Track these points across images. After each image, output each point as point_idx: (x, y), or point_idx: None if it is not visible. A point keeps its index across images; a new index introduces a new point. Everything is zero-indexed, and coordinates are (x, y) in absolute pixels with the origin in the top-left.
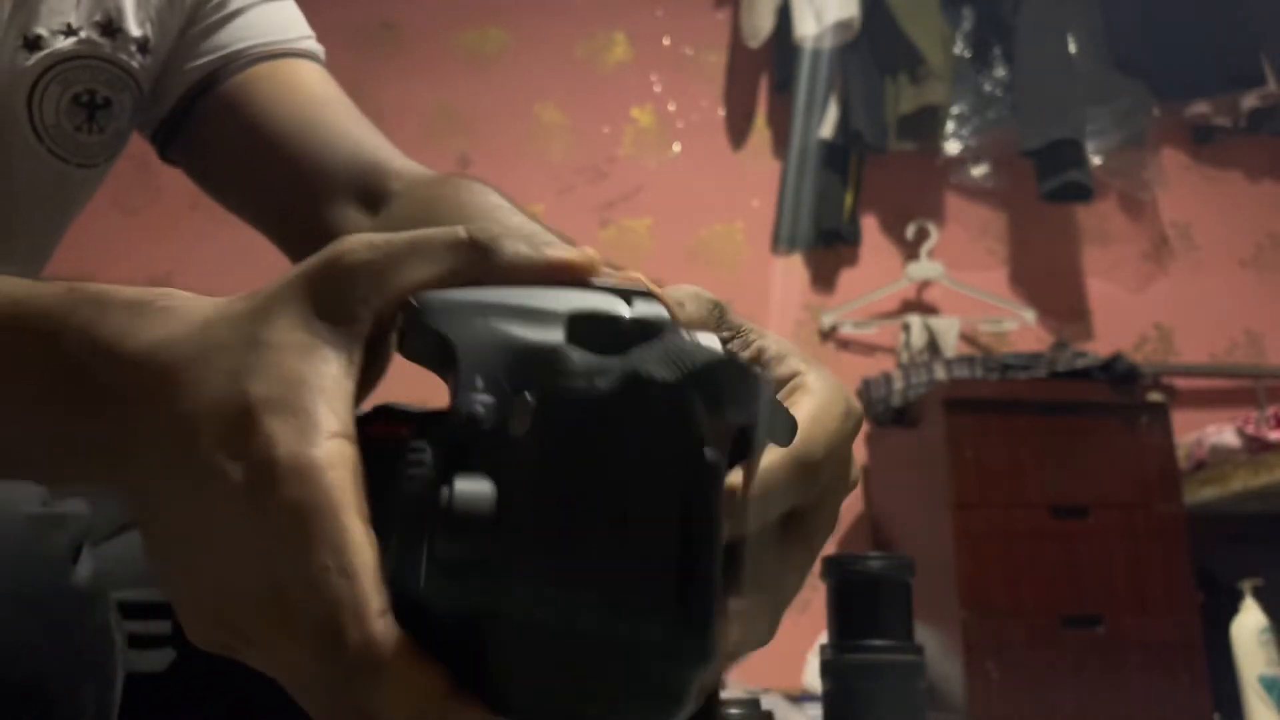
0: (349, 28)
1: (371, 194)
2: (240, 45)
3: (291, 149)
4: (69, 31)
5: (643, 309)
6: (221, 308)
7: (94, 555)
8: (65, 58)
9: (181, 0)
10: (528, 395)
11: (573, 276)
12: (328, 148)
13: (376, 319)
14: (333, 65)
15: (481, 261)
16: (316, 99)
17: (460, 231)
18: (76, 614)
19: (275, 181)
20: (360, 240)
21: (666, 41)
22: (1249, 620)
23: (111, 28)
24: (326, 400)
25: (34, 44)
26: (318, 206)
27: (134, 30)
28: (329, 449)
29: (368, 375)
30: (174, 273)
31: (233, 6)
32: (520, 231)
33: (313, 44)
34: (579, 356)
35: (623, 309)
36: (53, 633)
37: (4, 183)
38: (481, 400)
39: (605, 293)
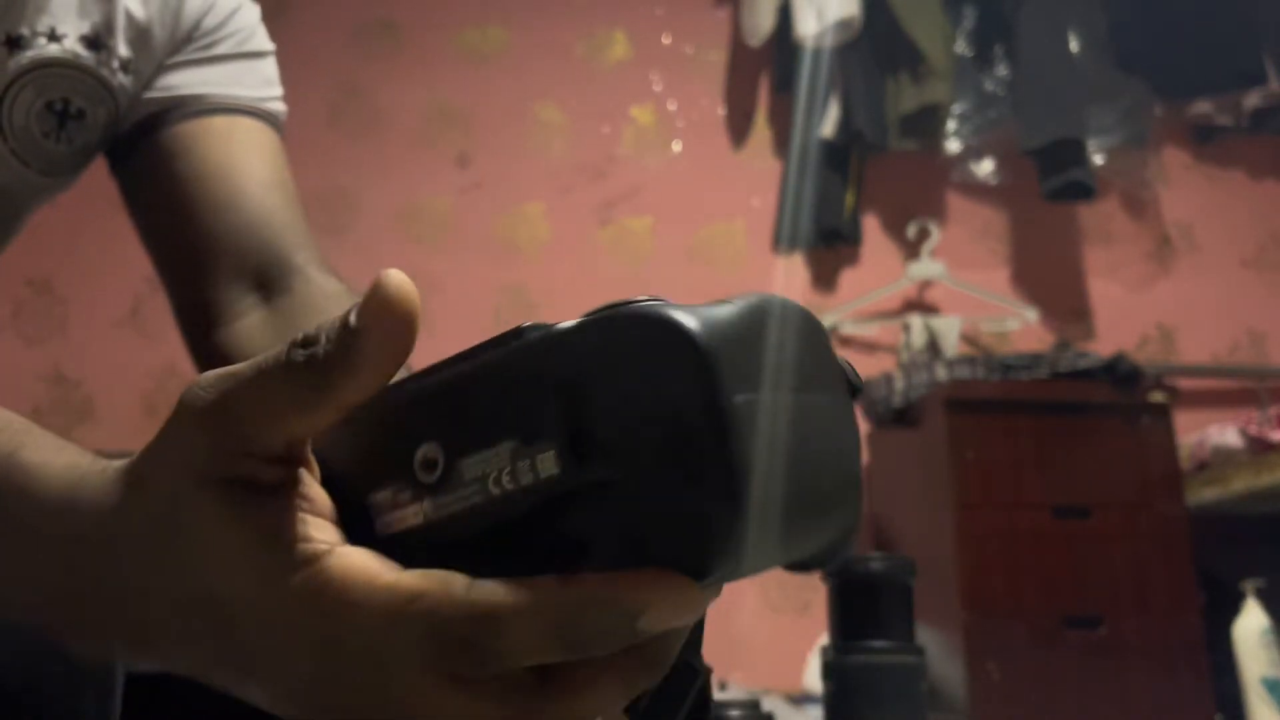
0: (349, 26)
1: (270, 283)
2: (205, 91)
3: (204, 213)
4: (53, 36)
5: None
6: (130, 492)
7: None
8: (46, 63)
9: (173, 31)
10: None
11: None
12: (239, 219)
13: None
14: (332, 64)
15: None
16: (250, 168)
17: (271, 358)
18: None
19: (177, 239)
20: (194, 393)
21: (666, 40)
22: (1251, 621)
23: (99, 42)
24: (299, 535)
25: (15, 43)
26: (206, 276)
27: (120, 49)
28: (337, 557)
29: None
30: None
31: (217, 51)
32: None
33: (277, 105)
34: None
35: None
36: (53, 651)
37: None
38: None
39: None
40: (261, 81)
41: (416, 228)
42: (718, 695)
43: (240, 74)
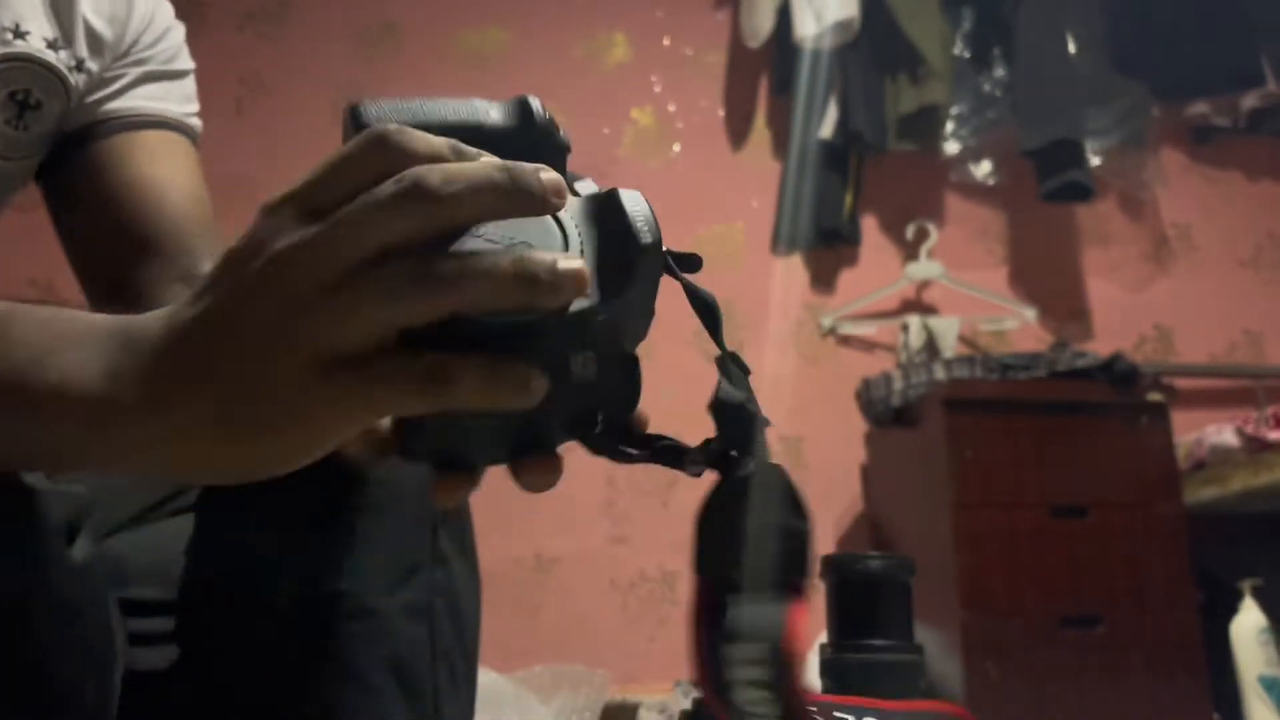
0: (350, 28)
1: (192, 282)
2: (136, 105)
3: (133, 220)
4: (18, 32)
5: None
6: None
7: (97, 544)
8: (13, 57)
9: (117, 42)
10: None
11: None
12: (164, 226)
13: None
14: (333, 65)
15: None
16: (174, 180)
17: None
18: (74, 591)
19: (108, 243)
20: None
21: (666, 42)
22: (1248, 620)
23: (59, 43)
24: None
25: None
26: (143, 274)
27: (79, 50)
28: None
29: None
30: None
31: (150, 67)
32: None
33: (196, 121)
34: None
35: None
36: (51, 611)
37: None
38: None
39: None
40: (184, 98)
41: None
42: None
43: (169, 91)
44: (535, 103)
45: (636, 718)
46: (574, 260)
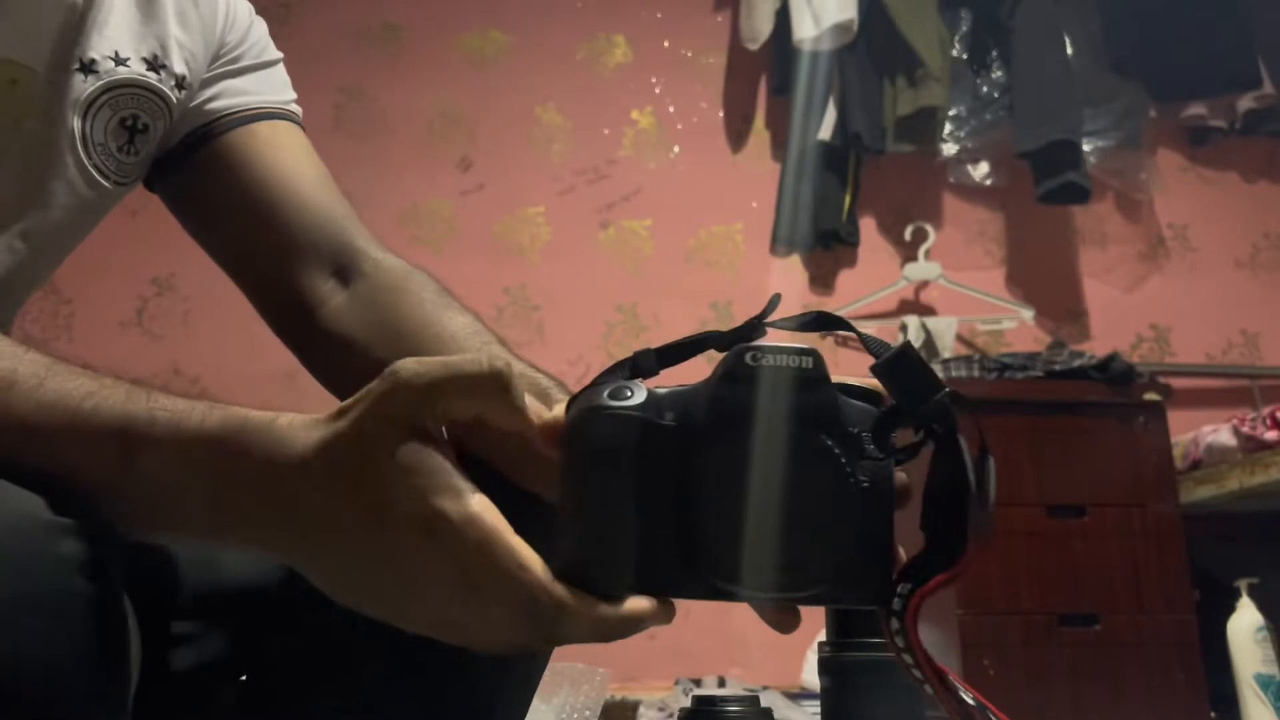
0: (351, 29)
1: (344, 269)
2: (243, 100)
3: (276, 215)
4: (119, 60)
5: None
6: (331, 434)
7: (120, 560)
8: (119, 84)
9: (208, 48)
10: None
11: (545, 438)
12: (306, 217)
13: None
14: (335, 66)
15: (500, 392)
16: (300, 168)
17: (485, 365)
18: (90, 618)
19: (257, 242)
20: (410, 370)
21: (666, 44)
22: (1245, 619)
23: (157, 62)
24: (455, 474)
25: (88, 67)
26: (292, 271)
27: (176, 67)
28: (478, 499)
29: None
30: (176, 273)
31: (243, 63)
32: (522, 376)
33: (297, 107)
34: None
35: None
36: (65, 636)
37: (48, 194)
38: None
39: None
40: (282, 86)
41: (419, 230)
42: (716, 692)
43: (266, 82)
44: None
45: (637, 716)
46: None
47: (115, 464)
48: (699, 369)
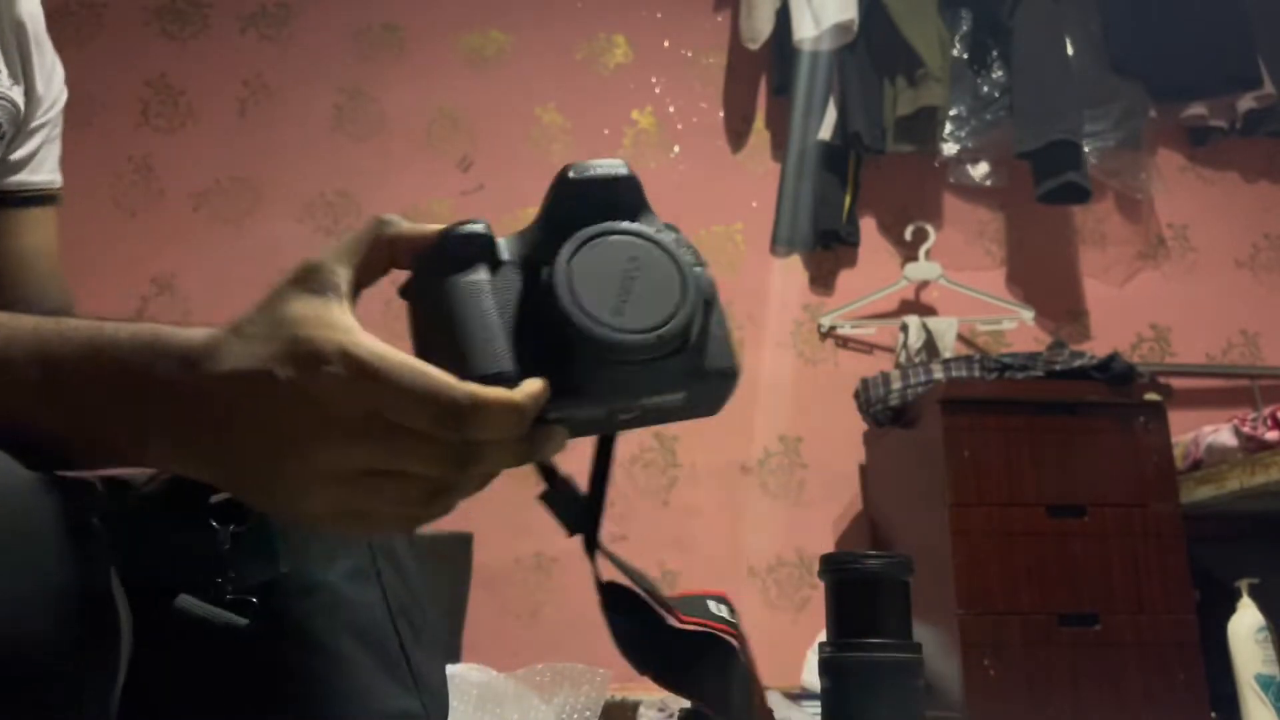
0: (351, 29)
1: None
2: (38, 180)
3: (16, 287)
4: None
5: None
6: (236, 319)
7: (104, 530)
8: None
9: (44, 97)
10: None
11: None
12: (33, 292)
13: (351, 287)
14: (335, 67)
15: (394, 232)
16: (50, 252)
17: (374, 218)
18: (80, 585)
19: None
20: (323, 253)
21: (666, 44)
22: (1245, 619)
23: (14, 80)
24: (345, 320)
25: None
26: None
27: (13, 94)
28: (362, 334)
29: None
30: (176, 273)
31: (53, 131)
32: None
33: (60, 186)
34: None
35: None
36: (53, 600)
37: None
38: None
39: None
40: (55, 165)
41: None
42: None
43: (54, 157)
44: None
45: (637, 716)
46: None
47: (34, 390)
48: None
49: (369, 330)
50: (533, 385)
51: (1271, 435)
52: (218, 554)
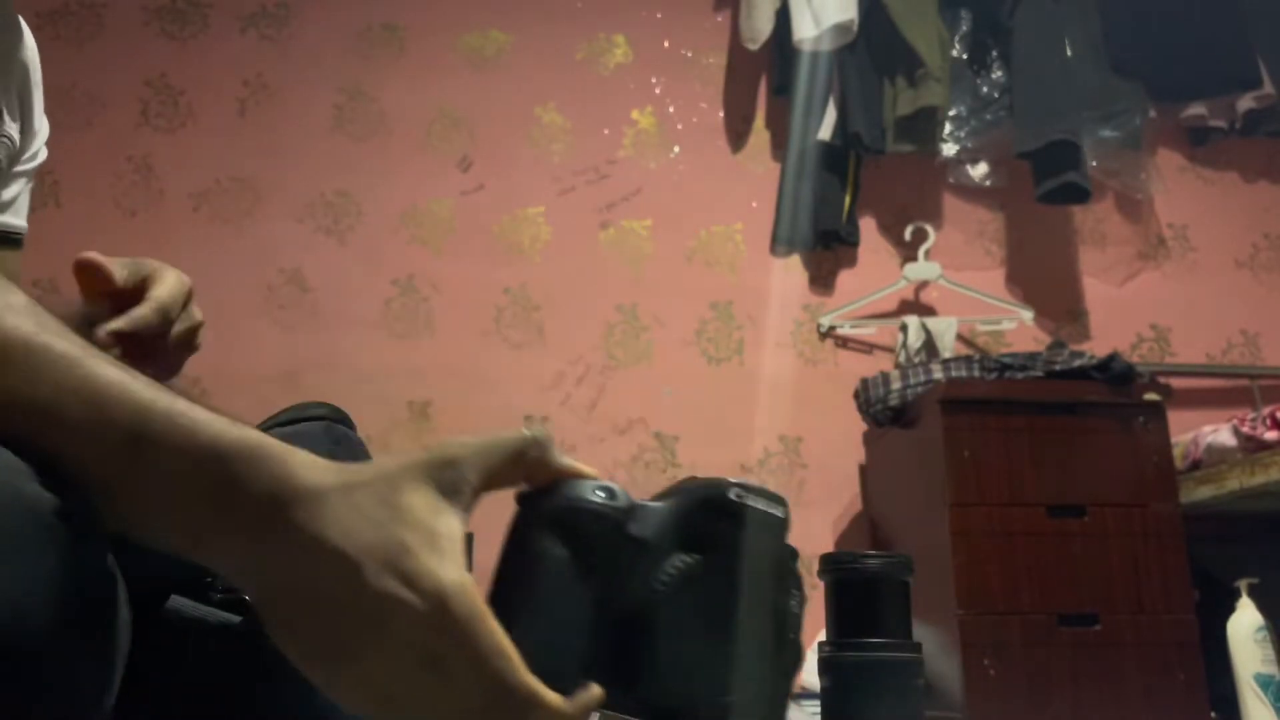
0: (351, 29)
1: None
2: (12, 223)
3: None
4: None
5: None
6: (351, 474)
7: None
8: None
9: (29, 144)
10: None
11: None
12: None
13: (475, 494)
14: (335, 66)
15: (538, 455)
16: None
17: (524, 434)
18: (79, 582)
19: None
20: (457, 442)
21: (666, 44)
22: (1244, 619)
23: (12, 117)
24: (456, 545)
25: None
26: None
27: (8, 129)
28: (468, 577)
29: None
30: None
31: (29, 179)
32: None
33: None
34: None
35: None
36: (51, 604)
37: None
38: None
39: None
40: (27, 205)
41: (419, 230)
42: None
43: (25, 202)
44: None
45: None
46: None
47: (122, 457)
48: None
49: (369, 330)
50: (589, 698)
51: (1271, 435)
52: None
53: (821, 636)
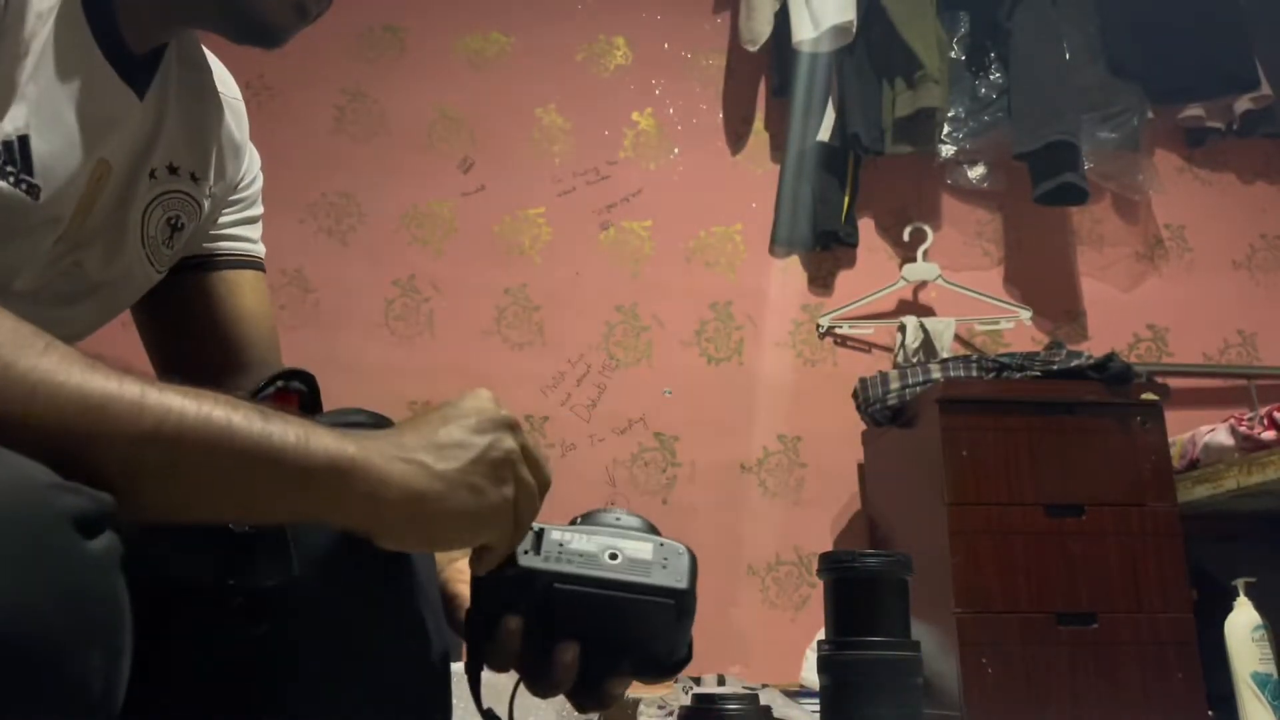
0: (352, 31)
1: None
2: (241, 248)
3: (234, 346)
4: (173, 170)
5: None
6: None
7: (118, 533)
8: (173, 190)
9: (234, 182)
10: None
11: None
12: (255, 355)
13: None
14: (336, 68)
15: None
16: (263, 316)
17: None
18: (87, 582)
19: (210, 359)
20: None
21: (666, 46)
22: (1242, 618)
23: (197, 176)
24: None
25: (152, 174)
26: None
27: (211, 183)
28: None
29: None
30: None
31: (249, 212)
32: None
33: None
34: None
35: None
36: (61, 598)
37: (122, 276)
38: None
39: None
40: (259, 233)
41: (419, 230)
42: (716, 690)
43: (256, 232)
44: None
45: (637, 714)
46: None
47: (322, 496)
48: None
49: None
50: None
51: (1268, 435)
52: (230, 555)
53: (821, 635)
